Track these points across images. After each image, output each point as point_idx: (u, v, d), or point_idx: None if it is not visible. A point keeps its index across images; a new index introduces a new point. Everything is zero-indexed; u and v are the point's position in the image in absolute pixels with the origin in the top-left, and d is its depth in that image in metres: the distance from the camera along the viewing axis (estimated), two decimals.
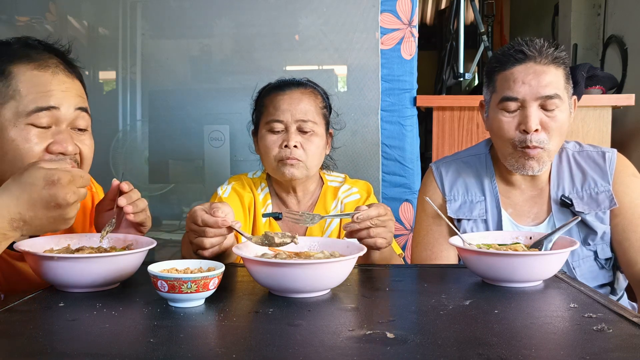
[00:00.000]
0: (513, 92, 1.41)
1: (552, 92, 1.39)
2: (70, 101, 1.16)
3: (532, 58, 1.41)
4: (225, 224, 1.13)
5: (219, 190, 1.62)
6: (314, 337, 0.80)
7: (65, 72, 1.18)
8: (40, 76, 1.14)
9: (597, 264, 1.46)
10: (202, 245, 1.15)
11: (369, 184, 1.69)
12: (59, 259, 1.00)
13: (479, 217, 1.50)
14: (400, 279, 1.19)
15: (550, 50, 1.41)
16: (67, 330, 0.84)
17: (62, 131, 1.15)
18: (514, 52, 1.43)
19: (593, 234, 1.44)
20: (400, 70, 2.34)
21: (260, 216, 1.59)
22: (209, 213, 1.13)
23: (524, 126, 1.40)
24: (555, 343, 0.78)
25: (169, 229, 2.56)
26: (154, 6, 2.66)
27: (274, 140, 1.53)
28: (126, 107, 2.70)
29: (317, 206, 1.62)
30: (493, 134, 1.49)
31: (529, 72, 1.40)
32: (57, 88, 1.15)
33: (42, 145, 1.12)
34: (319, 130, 1.56)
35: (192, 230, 1.16)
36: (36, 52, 1.17)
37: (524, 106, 1.41)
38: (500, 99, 1.43)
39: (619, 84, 2.88)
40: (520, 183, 1.52)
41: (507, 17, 5.29)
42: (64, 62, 1.20)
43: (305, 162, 1.53)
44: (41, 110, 1.12)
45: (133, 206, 1.15)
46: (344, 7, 2.41)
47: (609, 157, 1.50)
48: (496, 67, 1.46)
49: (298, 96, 1.55)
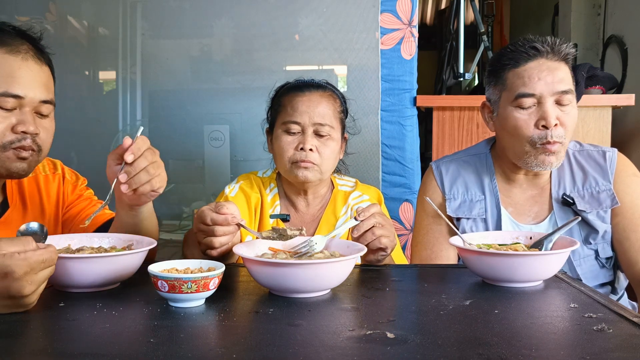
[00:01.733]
0: (529, 88, 1.40)
1: (567, 88, 1.40)
2: (36, 92, 1.21)
3: (545, 54, 1.41)
4: (234, 221, 1.14)
5: (227, 189, 1.60)
6: (314, 337, 0.80)
7: (35, 59, 1.22)
8: (11, 60, 1.18)
9: (598, 263, 1.46)
10: (211, 244, 1.14)
11: (380, 192, 1.70)
12: (59, 258, 0.99)
13: (479, 216, 1.49)
14: (400, 279, 1.19)
15: (563, 47, 1.42)
16: (67, 330, 0.84)
17: (26, 113, 1.20)
18: (527, 48, 1.42)
19: (594, 233, 1.44)
20: (400, 70, 2.34)
21: (266, 217, 1.58)
22: (216, 212, 1.13)
23: (543, 122, 1.39)
24: (555, 343, 0.78)
25: (169, 229, 2.55)
26: (154, 6, 2.66)
27: (289, 142, 1.52)
28: (126, 107, 2.70)
29: (326, 210, 1.61)
30: (507, 132, 1.46)
31: (542, 68, 1.40)
32: (26, 75, 1.19)
33: (4, 124, 1.18)
34: (335, 134, 1.54)
35: (201, 231, 1.16)
36: (9, 37, 1.20)
37: (540, 102, 1.40)
38: (515, 96, 1.42)
39: (619, 84, 2.88)
40: (522, 182, 1.52)
41: (507, 17, 5.29)
42: (35, 48, 1.24)
43: (320, 166, 1.51)
44: (8, 96, 1.17)
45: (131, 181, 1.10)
46: (343, 7, 2.41)
47: (610, 157, 1.50)
48: (507, 64, 1.45)
49: (317, 99, 1.53)
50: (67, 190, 1.44)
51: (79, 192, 1.46)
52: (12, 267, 0.84)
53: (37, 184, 1.38)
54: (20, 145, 1.19)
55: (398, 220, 2.33)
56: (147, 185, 1.11)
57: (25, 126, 1.19)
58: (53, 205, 1.40)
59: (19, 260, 0.85)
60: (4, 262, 0.84)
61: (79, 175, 1.50)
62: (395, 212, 2.32)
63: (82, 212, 1.42)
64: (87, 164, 2.66)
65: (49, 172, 1.42)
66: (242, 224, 1.15)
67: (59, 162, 1.47)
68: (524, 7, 4.93)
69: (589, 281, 1.44)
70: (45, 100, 1.23)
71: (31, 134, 1.20)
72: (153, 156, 1.12)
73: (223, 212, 1.13)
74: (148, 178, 1.10)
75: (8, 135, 1.18)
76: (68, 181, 1.45)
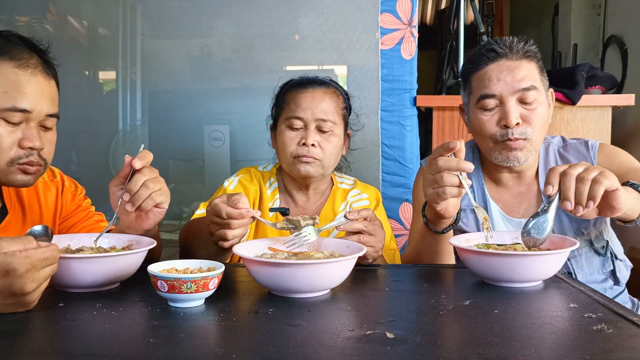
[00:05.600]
0: (489, 89, 1.43)
1: (528, 85, 1.41)
2: (43, 106, 1.21)
3: (504, 55, 1.44)
4: (249, 214, 1.15)
5: (226, 182, 1.62)
6: (314, 337, 0.80)
7: (43, 73, 1.23)
8: (20, 75, 1.19)
9: (594, 252, 1.47)
10: (225, 237, 1.16)
11: (378, 192, 1.71)
12: (59, 259, 1.00)
13: (468, 207, 1.50)
14: (400, 279, 1.19)
15: (520, 45, 1.44)
16: (67, 330, 0.84)
17: (32, 128, 1.21)
18: (485, 51, 1.46)
19: (586, 222, 1.46)
20: (400, 70, 2.34)
21: (265, 210, 1.59)
22: (230, 205, 1.14)
23: (504, 121, 1.41)
24: (555, 343, 0.78)
25: (169, 229, 2.55)
26: (154, 6, 2.67)
27: (292, 137, 1.53)
28: (126, 107, 2.70)
29: (325, 206, 1.62)
30: (475, 133, 1.51)
31: (502, 68, 1.43)
32: (34, 90, 1.20)
33: (11, 138, 1.18)
34: (337, 130, 1.55)
35: (215, 223, 1.17)
36: (18, 50, 1.21)
37: (502, 102, 1.43)
38: (477, 99, 1.45)
39: (619, 84, 2.88)
40: (508, 180, 1.54)
41: (507, 17, 5.29)
42: (43, 62, 1.24)
43: (322, 161, 1.53)
44: (15, 111, 1.17)
45: (133, 199, 1.13)
46: (343, 7, 2.41)
47: (592, 145, 1.53)
48: (470, 68, 1.49)
49: (320, 95, 1.55)
50: (66, 199, 1.44)
51: (78, 202, 1.46)
52: (14, 264, 0.84)
53: (35, 190, 1.38)
54: (28, 162, 1.20)
55: (398, 220, 2.33)
56: (149, 200, 1.13)
57: (31, 142, 1.20)
58: (51, 212, 1.40)
59: (21, 258, 0.85)
60: (5, 260, 0.84)
61: (78, 184, 1.51)
62: (395, 212, 2.32)
63: (79, 224, 1.43)
64: (87, 164, 2.67)
65: (47, 179, 1.43)
66: (257, 217, 1.16)
67: (57, 170, 1.47)
68: (524, 7, 4.93)
69: (588, 273, 1.46)
70: (51, 114, 1.24)
71: (37, 149, 1.21)
72: (151, 173, 1.15)
73: (239, 206, 1.14)
74: (148, 192, 1.13)
75: (15, 150, 1.19)
76: (67, 189, 1.45)
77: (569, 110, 2.35)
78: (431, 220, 1.30)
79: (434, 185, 1.16)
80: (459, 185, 1.14)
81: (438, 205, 1.20)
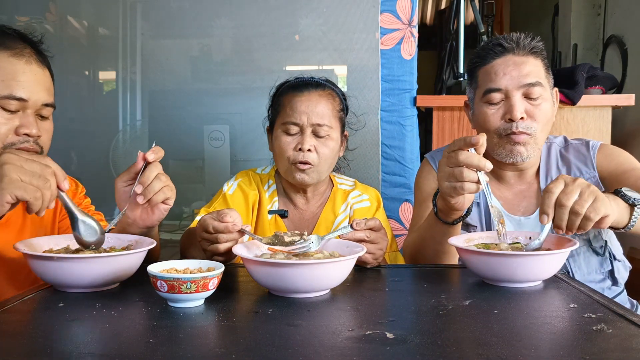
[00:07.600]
0: (495, 83, 1.44)
1: (534, 80, 1.42)
2: (39, 95, 1.24)
3: (511, 50, 1.45)
4: (235, 228, 1.15)
5: (225, 186, 1.62)
6: (314, 337, 0.80)
7: (37, 62, 1.25)
8: (15, 63, 1.21)
9: (592, 252, 1.47)
10: (216, 251, 1.16)
11: (378, 194, 1.71)
12: (59, 259, 1.00)
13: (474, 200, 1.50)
14: (400, 279, 1.19)
15: (527, 41, 1.46)
16: (67, 330, 0.84)
17: (28, 115, 1.23)
18: (492, 46, 1.47)
19: None
20: (400, 70, 2.34)
21: (264, 214, 1.59)
22: (217, 220, 1.15)
23: (509, 115, 1.42)
24: (555, 343, 0.78)
25: (169, 229, 2.55)
26: (154, 6, 2.67)
27: (288, 142, 1.53)
28: (126, 107, 2.70)
29: (325, 208, 1.62)
30: (479, 128, 1.51)
31: (508, 63, 1.44)
32: (29, 79, 1.22)
33: (8, 126, 1.20)
34: (334, 134, 1.55)
35: (205, 239, 1.17)
36: (12, 40, 1.23)
37: (507, 96, 1.43)
38: (483, 93, 1.46)
39: (619, 84, 2.88)
40: (509, 178, 1.54)
41: (507, 17, 5.29)
42: (37, 52, 1.26)
43: (317, 167, 1.52)
44: (12, 99, 1.19)
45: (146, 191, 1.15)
46: (343, 7, 2.41)
47: (592, 145, 1.53)
48: (477, 62, 1.50)
49: (316, 98, 1.54)
50: None
51: (78, 200, 1.46)
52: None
53: None
54: (23, 147, 1.21)
55: (398, 220, 2.33)
56: (160, 193, 1.16)
57: (28, 129, 1.21)
58: (51, 210, 1.40)
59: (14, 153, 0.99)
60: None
61: (79, 183, 1.51)
62: (395, 212, 2.32)
63: None
64: (87, 164, 2.67)
65: None
66: (245, 230, 1.16)
67: None
68: (524, 7, 4.94)
69: (587, 271, 1.46)
70: (47, 104, 1.26)
71: (33, 136, 1.23)
72: (159, 168, 1.18)
73: (226, 220, 1.14)
74: (161, 185, 1.15)
75: (11, 137, 1.21)
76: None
77: (569, 110, 2.35)
78: (441, 210, 1.28)
79: (451, 178, 1.15)
80: (477, 181, 1.14)
81: (453, 199, 1.19)
